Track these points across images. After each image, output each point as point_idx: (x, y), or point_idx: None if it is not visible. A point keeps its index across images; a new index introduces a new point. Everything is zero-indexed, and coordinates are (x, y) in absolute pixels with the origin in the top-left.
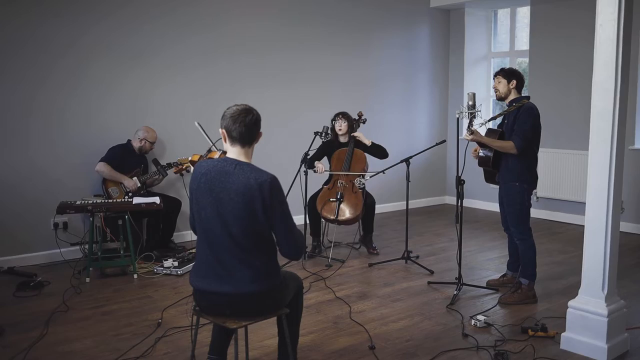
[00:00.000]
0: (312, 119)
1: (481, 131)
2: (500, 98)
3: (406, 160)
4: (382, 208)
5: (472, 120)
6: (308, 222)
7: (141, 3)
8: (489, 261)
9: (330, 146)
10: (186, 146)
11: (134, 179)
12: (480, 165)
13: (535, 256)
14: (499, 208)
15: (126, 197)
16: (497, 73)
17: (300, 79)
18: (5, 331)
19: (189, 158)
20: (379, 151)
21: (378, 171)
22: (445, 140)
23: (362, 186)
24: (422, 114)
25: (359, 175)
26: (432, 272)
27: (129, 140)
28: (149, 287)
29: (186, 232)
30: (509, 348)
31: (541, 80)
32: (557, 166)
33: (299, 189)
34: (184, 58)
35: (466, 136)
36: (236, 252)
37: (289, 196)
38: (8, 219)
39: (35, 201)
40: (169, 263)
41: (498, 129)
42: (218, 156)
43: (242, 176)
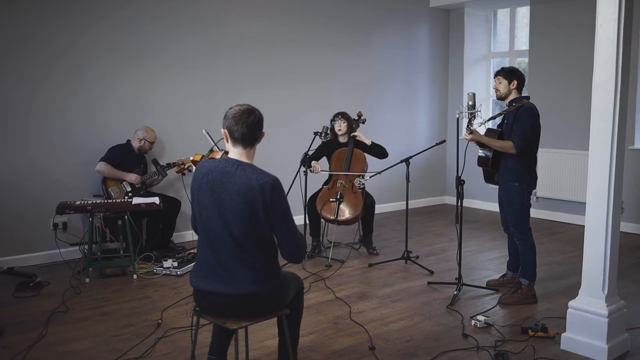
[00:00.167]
0: (312, 119)
1: (481, 131)
2: (501, 98)
3: (406, 161)
4: (381, 208)
5: (472, 120)
6: (308, 222)
7: (141, 3)
8: (488, 261)
9: (329, 146)
10: (186, 146)
11: (135, 175)
12: (479, 165)
13: (535, 256)
14: (499, 208)
15: (126, 197)
16: (497, 73)
17: (300, 79)
18: (5, 331)
19: (190, 158)
20: (379, 151)
21: (375, 172)
22: (445, 141)
23: (361, 186)
24: (421, 114)
25: (358, 176)
26: (432, 273)
27: (129, 140)
28: (148, 287)
29: (186, 232)
30: (509, 348)
31: (541, 80)
32: (557, 166)
33: (298, 189)
34: (184, 58)
35: (465, 136)
36: (237, 252)
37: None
38: (8, 219)
39: (35, 201)
40: (168, 263)
41: (497, 129)
42: (220, 156)
43: (244, 177)
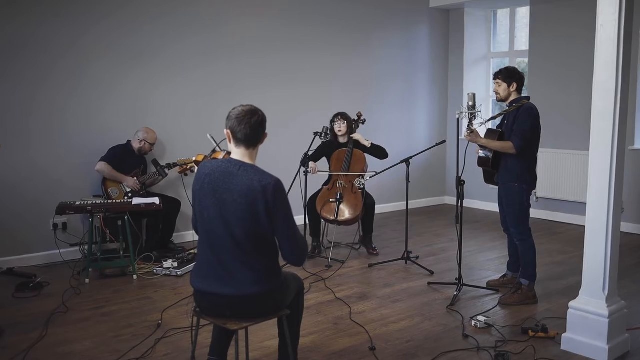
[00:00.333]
0: (312, 119)
1: (481, 131)
2: (501, 100)
3: (406, 161)
4: (381, 208)
5: (472, 121)
6: (308, 222)
7: (141, 3)
8: (489, 262)
9: (329, 147)
10: (186, 147)
11: (134, 179)
12: (479, 165)
13: (535, 257)
14: (499, 208)
15: (126, 197)
16: (496, 75)
17: (300, 79)
18: (5, 332)
19: (192, 158)
20: (379, 152)
21: (372, 173)
22: (445, 141)
23: (361, 187)
24: (421, 114)
25: (357, 176)
26: (432, 273)
27: (129, 141)
28: (148, 288)
29: (186, 232)
30: (509, 349)
31: (541, 80)
32: (557, 166)
33: (298, 190)
34: (184, 58)
35: (465, 136)
36: (238, 253)
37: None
38: (8, 219)
39: (35, 201)
40: (168, 264)
41: (498, 129)
42: (223, 157)
43: (246, 178)
